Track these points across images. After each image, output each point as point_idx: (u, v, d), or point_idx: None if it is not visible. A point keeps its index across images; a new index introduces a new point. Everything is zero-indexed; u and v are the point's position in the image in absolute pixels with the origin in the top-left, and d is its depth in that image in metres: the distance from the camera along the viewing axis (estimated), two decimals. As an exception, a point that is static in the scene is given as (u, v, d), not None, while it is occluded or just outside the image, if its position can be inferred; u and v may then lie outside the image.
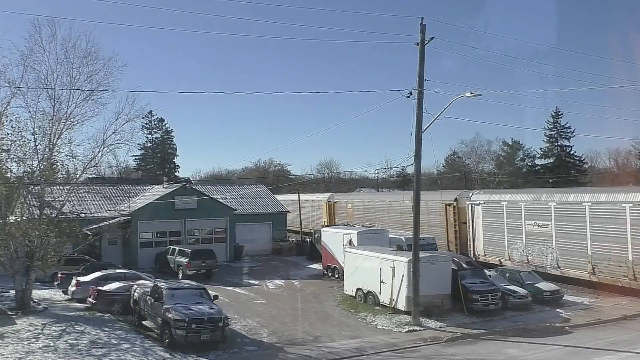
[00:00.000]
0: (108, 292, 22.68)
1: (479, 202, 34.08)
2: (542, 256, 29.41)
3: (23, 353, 16.48)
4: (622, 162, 74.78)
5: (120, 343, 17.86)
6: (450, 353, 17.74)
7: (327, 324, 21.54)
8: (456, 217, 36.70)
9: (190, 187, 41.71)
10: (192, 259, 31.07)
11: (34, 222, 22.51)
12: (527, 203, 30.67)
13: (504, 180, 69.02)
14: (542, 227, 29.44)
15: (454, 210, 37.01)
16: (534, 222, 29.95)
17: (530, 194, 32.21)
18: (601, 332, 20.22)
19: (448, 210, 37.50)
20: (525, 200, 31.00)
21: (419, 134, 21.31)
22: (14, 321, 20.47)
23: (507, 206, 31.94)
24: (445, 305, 22.55)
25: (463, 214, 35.84)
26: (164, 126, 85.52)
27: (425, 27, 20.95)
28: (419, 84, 21.02)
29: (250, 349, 18.11)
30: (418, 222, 22.02)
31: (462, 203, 36.22)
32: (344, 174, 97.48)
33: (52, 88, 22.68)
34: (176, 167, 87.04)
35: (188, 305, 18.22)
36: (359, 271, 25.23)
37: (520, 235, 30.82)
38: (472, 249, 34.41)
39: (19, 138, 22.07)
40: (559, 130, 72.44)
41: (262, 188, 49.98)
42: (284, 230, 45.72)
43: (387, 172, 73.68)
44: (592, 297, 25.79)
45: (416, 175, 22.18)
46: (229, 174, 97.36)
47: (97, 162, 25.21)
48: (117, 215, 35.90)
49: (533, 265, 29.30)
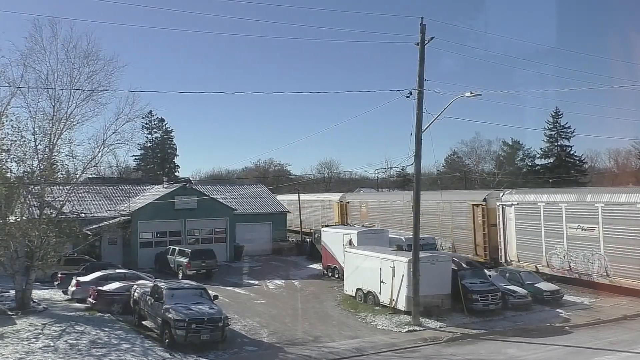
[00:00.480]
0: (108, 292, 22.68)
1: (512, 202, 31.52)
2: (587, 263, 26.88)
3: (23, 353, 16.47)
4: (622, 162, 74.83)
5: (120, 343, 17.86)
6: (450, 353, 17.74)
7: (327, 324, 21.54)
8: (485, 219, 34.00)
9: (190, 187, 41.72)
10: (192, 259, 31.07)
11: (34, 222, 22.51)
12: (568, 204, 28.00)
13: (504, 180, 69.04)
14: (587, 230, 26.74)
15: (482, 211, 34.28)
16: (578, 225, 27.29)
17: (572, 194, 29.40)
18: (601, 332, 20.23)
19: (476, 212, 34.87)
20: (566, 200, 28.30)
21: (419, 134, 21.32)
22: (14, 321, 20.46)
23: (544, 207, 29.29)
24: (445, 305, 22.55)
25: (493, 215, 33.25)
26: (164, 126, 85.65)
27: (425, 27, 20.99)
28: (419, 84, 21.03)
29: (250, 349, 18.11)
30: (418, 222, 21.98)
31: (491, 203, 33.62)
32: (344, 174, 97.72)
33: (52, 88, 22.69)
34: (176, 167, 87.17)
35: (188, 305, 18.22)
36: (359, 271, 25.23)
37: (561, 240, 28.19)
38: (504, 253, 31.87)
39: (19, 138, 22.08)
40: (559, 130, 72.45)
41: (262, 188, 50.00)
42: (284, 230, 45.72)
43: (387, 172, 73.82)
44: (592, 297, 25.77)
45: (416, 175, 22.17)
46: (229, 174, 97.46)
47: (97, 162, 25.24)
48: (117, 215, 35.90)
49: (576, 273, 27.29)
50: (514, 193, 32.99)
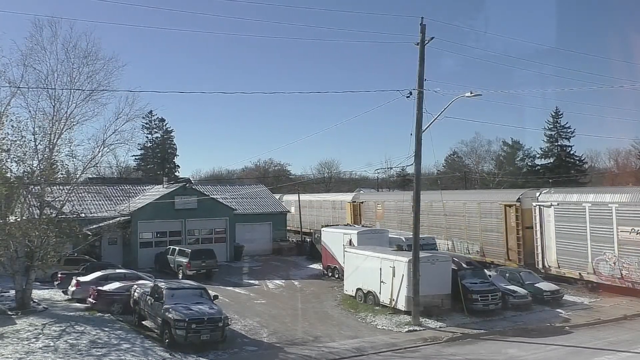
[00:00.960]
0: (108, 292, 22.68)
1: (551, 203, 28.83)
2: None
3: (23, 353, 16.47)
4: (622, 162, 74.72)
5: (120, 343, 17.85)
6: (450, 353, 17.74)
7: (327, 324, 21.54)
8: (519, 221, 31.38)
9: (190, 187, 41.69)
10: (192, 259, 31.06)
11: (34, 222, 22.51)
12: (620, 205, 25.28)
13: (504, 180, 69.08)
14: None
15: (516, 212, 31.58)
16: (632, 229, 24.61)
17: (624, 193, 26.37)
18: (601, 332, 20.23)
19: (508, 213, 32.20)
20: (617, 201, 25.54)
21: (419, 134, 21.32)
22: (14, 321, 20.46)
23: (590, 208, 26.57)
24: (445, 305, 22.55)
25: (528, 216, 30.69)
26: (164, 126, 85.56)
27: (425, 27, 20.99)
28: (419, 84, 21.03)
29: (250, 349, 18.11)
30: (418, 222, 21.99)
31: (526, 204, 31.09)
32: (344, 174, 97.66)
33: (52, 88, 22.71)
34: (176, 167, 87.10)
35: (188, 305, 18.22)
36: (359, 271, 25.23)
37: (611, 245, 25.54)
38: (541, 259, 29.38)
39: (19, 138, 22.09)
40: (559, 130, 72.43)
41: (262, 188, 49.98)
42: (284, 230, 45.73)
43: (387, 172, 73.85)
44: (592, 297, 25.77)
45: (416, 175, 22.17)
46: (229, 174, 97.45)
47: (97, 162, 25.28)
48: (117, 215, 35.91)
49: (629, 282, 24.93)
50: (553, 192, 30.19)
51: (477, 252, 34.29)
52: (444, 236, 36.57)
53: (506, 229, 32.37)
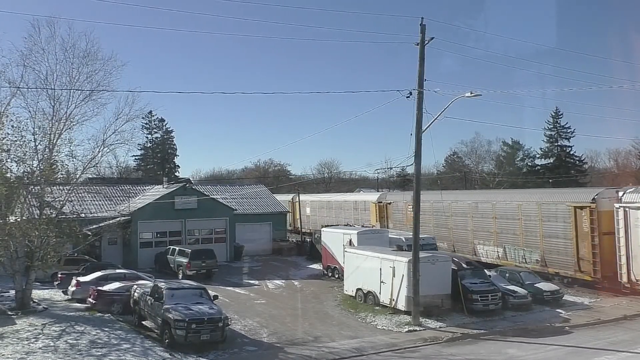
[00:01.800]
0: (108, 292, 22.68)
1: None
2: None
3: (23, 353, 16.47)
4: (622, 162, 74.71)
5: (120, 343, 17.85)
6: (450, 353, 17.74)
7: (327, 324, 21.54)
8: (594, 226, 26.74)
9: (190, 187, 41.72)
10: (192, 259, 31.06)
11: (34, 222, 22.50)
12: None
13: (504, 181, 69.07)
14: None
15: (590, 215, 26.91)
16: None
17: None
18: (601, 332, 20.23)
19: (579, 216, 27.56)
20: None
21: (419, 134, 21.33)
22: (14, 321, 20.46)
23: None
24: (445, 305, 22.56)
25: (606, 220, 26.31)
26: (164, 126, 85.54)
27: (425, 27, 21.00)
28: (419, 84, 21.04)
29: (250, 349, 18.11)
30: (418, 222, 22.00)
31: (603, 205, 26.64)
32: (344, 174, 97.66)
33: (52, 88, 22.72)
34: (176, 167, 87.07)
35: (188, 305, 18.22)
36: (359, 271, 25.23)
37: None
38: (626, 270, 24.90)
39: (19, 138, 22.08)
40: (559, 130, 72.41)
41: (262, 188, 50.00)
42: (284, 230, 45.73)
43: (387, 172, 73.83)
44: (592, 297, 25.77)
45: (416, 175, 22.18)
46: (229, 174, 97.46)
47: (97, 162, 25.28)
48: (117, 215, 35.90)
49: None
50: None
51: (537, 261, 29.85)
52: (493, 242, 32.61)
53: (576, 234, 27.76)
